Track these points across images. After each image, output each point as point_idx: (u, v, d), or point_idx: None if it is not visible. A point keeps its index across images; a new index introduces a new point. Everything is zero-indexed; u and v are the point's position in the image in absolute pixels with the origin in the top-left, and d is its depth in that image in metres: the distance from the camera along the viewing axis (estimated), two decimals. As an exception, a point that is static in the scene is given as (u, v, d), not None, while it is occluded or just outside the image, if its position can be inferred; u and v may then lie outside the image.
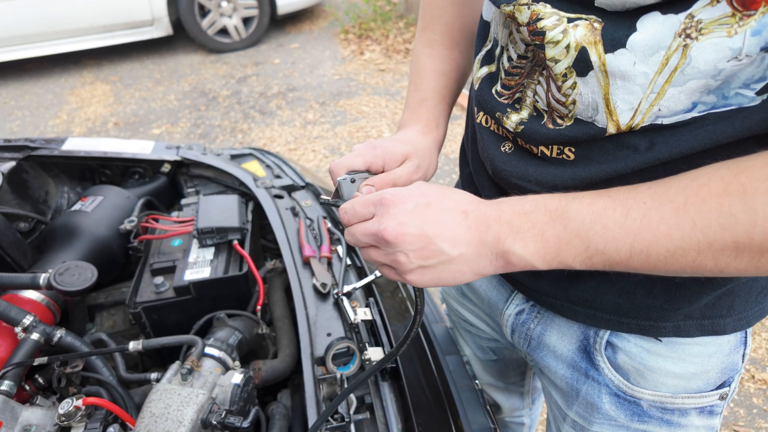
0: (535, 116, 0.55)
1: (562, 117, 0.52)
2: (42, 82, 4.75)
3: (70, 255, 1.11)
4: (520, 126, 0.56)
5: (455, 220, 0.49)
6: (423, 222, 0.48)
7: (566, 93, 0.49)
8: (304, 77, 4.50)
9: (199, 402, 0.80)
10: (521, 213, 0.48)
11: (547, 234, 0.47)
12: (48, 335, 0.91)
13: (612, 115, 0.47)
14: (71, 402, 0.79)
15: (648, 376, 0.61)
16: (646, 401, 0.62)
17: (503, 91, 0.58)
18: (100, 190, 1.28)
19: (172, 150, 1.47)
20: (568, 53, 0.46)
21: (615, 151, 0.49)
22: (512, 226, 0.48)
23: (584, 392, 0.66)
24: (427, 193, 0.50)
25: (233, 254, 1.13)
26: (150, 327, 1.06)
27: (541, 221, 0.47)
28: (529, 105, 0.55)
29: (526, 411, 1.13)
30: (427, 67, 0.73)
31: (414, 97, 0.73)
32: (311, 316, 0.94)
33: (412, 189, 0.51)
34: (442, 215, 0.49)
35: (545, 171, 0.55)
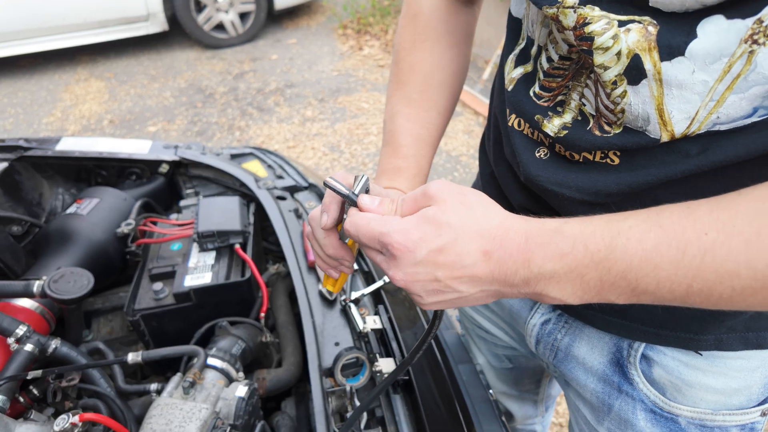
0: (579, 121, 0.50)
1: (610, 124, 0.48)
2: (35, 79, 4.68)
3: (65, 260, 1.07)
4: (563, 131, 0.51)
5: (475, 263, 0.43)
6: (436, 269, 0.43)
7: (615, 101, 0.45)
8: (303, 73, 4.45)
9: (203, 417, 0.77)
10: (557, 255, 0.41)
11: (587, 277, 0.41)
12: (42, 346, 0.87)
13: (666, 126, 0.43)
14: (67, 419, 0.75)
15: (686, 391, 0.57)
16: (684, 418, 0.59)
17: (543, 93, 0.54)
18: (96, 192, 1.23)
19: (170, 149, 1.43)
20: (619, 60, 0.42)
21: (664, 155, 0.46)
22: (545, 272, 0.42)
23: (617, 408, 0.62)
24: (441, 232, 0.43)
25: (235, 258, 1.09)
26: (149, 335, 1.02)
27: (580, 264, 0.41)
28: (573, 108, 0.51)
29: (538, 419, 1.10)
30: (405, 132, 0.68)
31: (390, 162, 0.68)
32: (318, 324, 0.90)
33: (422, 230, 0.43)
34: (459, 259, 0.43)
35: (586, 177, 0.51)
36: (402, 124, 0.68)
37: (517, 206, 0.62)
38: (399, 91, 0.70)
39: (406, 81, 0.70)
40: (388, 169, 0.67)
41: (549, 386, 1.00)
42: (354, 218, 0.47)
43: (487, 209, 0.44)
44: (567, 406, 0.77)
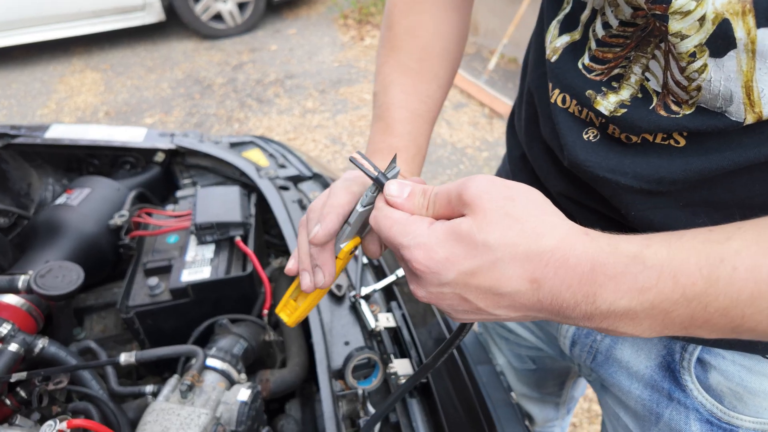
0: (640, 98, 0.43)
1: (679, 103, 0.40)
2: (29, 70, 4.59)
3: (54, 254, 1.00)
4: (621, 110, 0.44)
5: (518, 292, 0.34)
6: (467, 292, 0.35)
7: (690, 76, 0.38)
8: (303, 64, 4.36)
9: (202, 424, 0.70)
10: (635, 290, 0.32)
11: (674, 315, 0.33)
12: (29, 345, 0.80)
13: (754, 106, 0.36)
14: (54, 425, 0.69)
15: (748, 400, 0.51)
16: (745, 430, 0.53)
17: (595, 66, 0.46)
18: (87, 182, 1.16)
19: (166, 137, 1.35)
20: (702, 27, 0.35)
21: (742, 137, 0.39)
22: (617, 309, 0.33)
23: (667, 417, 0.56)
24: (476, 253, 0.34)
25: (236, 252, 1.02)
26: (144, 333, 0.95)
27: (667, 300, 0.32)
28: (633, 84, 0.43)
29: (558, 421, 1.04)
30: (401, 105, 0.58)
31: (383, 140, 0.58)
32: (326, 322, 0.83)
33: (450, 249, 0.34)
34: (497, 285, 0.34)
35: (645, 161, 0.44)
36: (397, 96, 0.59)
37: (556, 194, 0.55)
38: (393, 58, 0.61)
39: (402, 47, 0.61)
40: (381, 148, 0.57)
41: (572, 388, 0.94)
42: (378, 215, 0.39)
43: (540, 223, 0.34)
44: (603, 412, 0.70)
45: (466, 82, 3.79)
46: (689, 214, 0.44)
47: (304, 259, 0.47)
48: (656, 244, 0.33)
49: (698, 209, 0.44)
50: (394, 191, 0.39)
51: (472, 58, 4.26)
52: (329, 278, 0.46)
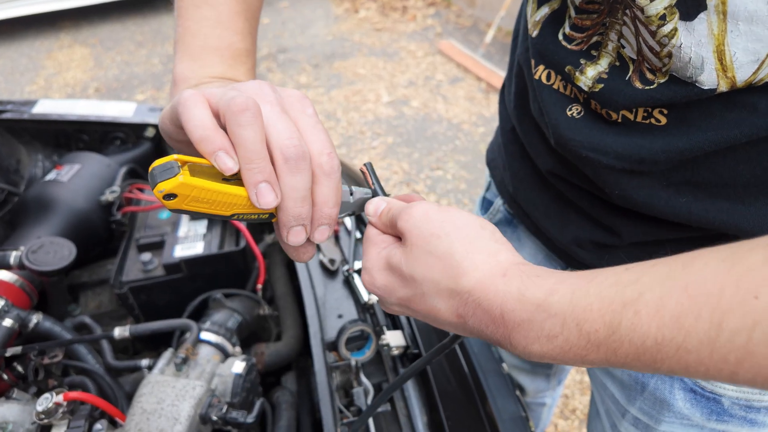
0: (617, 68, 0.43)
1: (653, 71, 0.40)
2: (15, 45, 4.48)
3: (45, 230, 0.99)
4: (598, 84, 0.44)
5: (449, 321, 0.36)
6: (414, 312, 0.39)
7: (661, 41, 0.37)
8: (296, 38, 4.28)
9: (197, 395, 0.71)
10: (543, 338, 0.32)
11: (589, 358, 0.31)
12: (23, 321, 0.81)
13: (726, 71, 0.35)
14: (50, 398, 0.70)
15: None
16: (728, 398, 0.53)
17: (574, 34, 0.45)
18: (77, 158, 1.15)
19: (156, 112, 1.33)
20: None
21: (724, 112, 0.38)
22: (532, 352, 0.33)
23: (652, 386, 0.57)
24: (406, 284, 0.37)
25: (228, 227, 1.02)
26: (138, 308, 0.96)
27: (576, 346, 0.31)
28: (611, 51, 0.43)
29: (549, 392, 1.06)
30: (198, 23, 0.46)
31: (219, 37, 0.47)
32: (319, 296, 0.84)
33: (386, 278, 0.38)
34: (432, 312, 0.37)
35: (627, 140, 0.43)
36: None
37: (545, 172, 0.55)
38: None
39: None
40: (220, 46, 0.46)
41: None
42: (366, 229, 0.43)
43: (461, 263, 0.35)
44: (591, 382, 0.71)
45: (462, 56, 3.73)
46: (673, 194, 0.44)
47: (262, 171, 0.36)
48: (563, 289, 0.32)
49: (682, 188, 0.44)
50: (370, 211, 0.42)
51: (468, 30, 4.19)
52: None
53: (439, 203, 0.40)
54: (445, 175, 2.75)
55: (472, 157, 2.87)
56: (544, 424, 1.24)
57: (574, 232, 0.55)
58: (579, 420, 1.68)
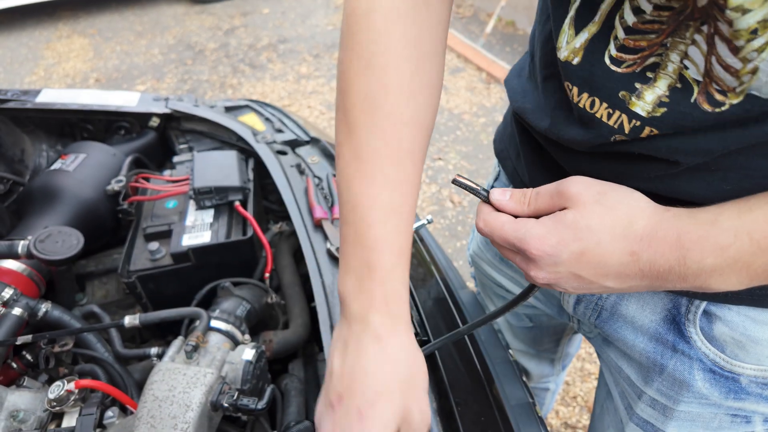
0: (679, 89, 0.40)
1: (725, 91, 0.38)
2: (15, 35, 4.45)
3: (52, 219, 0.99)
4: (660, 109, 0.41)
5: (621, 264, 0.41)
6: (579, 269, 0.42)
7: (747, 57, 0.35)
8: (296, 28, 4.25)
9: (208, 382, 0.72)
10: (717, 249, 0.38)
11: (755, 266, 0.38)
12: (32, 309, 0.81)
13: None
14: (62, 386, 0.70)
15: (751, 348, 0.52)
16: (746, 377, 0.54)
17: (625, 56, 0.42)
18: (82, 147, 1.15)
19: (160, 102, 1.33)
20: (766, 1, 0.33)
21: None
22: (704, 267, 0.39)
23: (671, 368, 0.57)
24: (582, 236, 0.41)
25: (235, 216, 1.02)
26: (146, 297, 0.96)
27: (745, 254, 0.38)
28: (671, 73, 0.40)
29: (553, 378, 1.07)
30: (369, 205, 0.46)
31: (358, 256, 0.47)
32: (327, 283, 0.84)
33: (560, 234, 0.42)
34: (603, 260, 0.41)
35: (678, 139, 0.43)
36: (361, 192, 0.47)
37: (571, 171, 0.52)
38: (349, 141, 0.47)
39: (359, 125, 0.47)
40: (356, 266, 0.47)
41: (568, 345, 0.96)
42: (487, 218, 0.47)
43: (631, 209, 0.41)
44: (603, 366, 0.72)
45: (463, 46, 3.71)
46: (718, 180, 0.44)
47: None
48: (729, 209, 0.39)
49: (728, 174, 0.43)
50: (498, 197, 0.47)
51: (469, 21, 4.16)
52: None
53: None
54: (447, 166, 2.75)
55: (473, 148, 2.86)
56: (548, 408, 1.26)
57: None
58: (580, 407, 1.69)
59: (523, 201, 0.46)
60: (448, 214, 2.43)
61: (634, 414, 0.65)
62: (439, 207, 2.48)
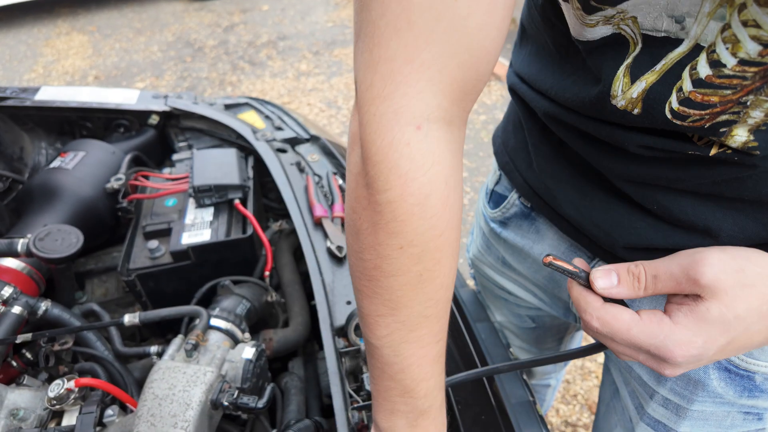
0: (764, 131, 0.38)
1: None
2: (13, 32, 4.44)
3: (51, 217, 0.99)
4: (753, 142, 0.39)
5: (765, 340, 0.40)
6: (722, 355, 0.40)
7: None
8: (296, 24, 4.24)
9: (208, 381, 0.72)
10: None
11: None
12: (32, 308, 0.81)
13: None
14: (62, 384, 0.70)
15: (765, 347, 0.52)
16: (761, 375, 0.54)
17: (689, 111, 0.38)
18: (81, 145, 1.14)
19: (159, 99, 1.32)
20: None
21: None
22: None
23: None
24: (730, 328, 0.38)
25: (235, 214, 1.02)
26: (146, 295, 0.96)
27: None
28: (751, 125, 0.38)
29: (554, 374, 1.08)
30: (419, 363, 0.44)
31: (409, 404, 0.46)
32: (327, 282, 0.84)
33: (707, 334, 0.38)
34: (749, 343, 0.40)
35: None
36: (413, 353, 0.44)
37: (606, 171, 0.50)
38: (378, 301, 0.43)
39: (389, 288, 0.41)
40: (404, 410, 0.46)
41: (569, 343, 0.96)
42: (604, 316, 0.41)
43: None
44: (611, 365, 0.71)
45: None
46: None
47: None
48: None
49: None
50: (604, 283, 0.41)
51: (470, 17, 4.15)
52: None
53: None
54: (447, 164, 2.74)
55: (474, 145, 2.86)
56: (548, 404, 1.26)
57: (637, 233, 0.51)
58: (580, 405, 1.69)
59: (637, 286, 0.40)
60: (448, 211, 2.43)
61: (645, 414, 0.65)
62: (439, 205, 2.48)
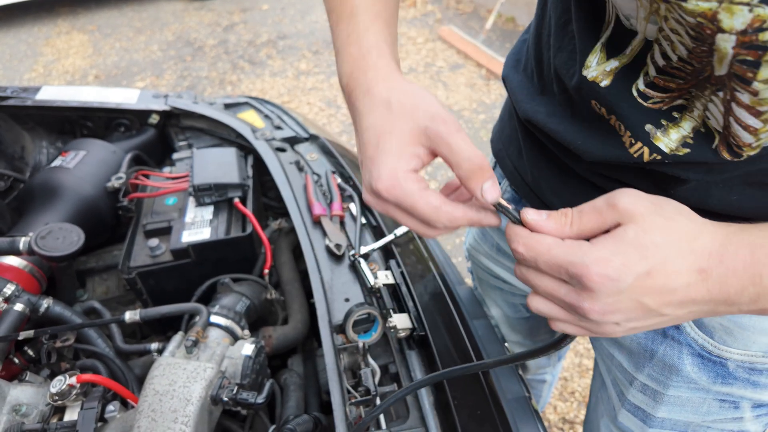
0: (702, 134, 0.41)
1: (741, 146, 0.39)
2: (13, 32, 4.44)
3: (52, 216, 1.00)
4: (684, 149, 0.42)
5: (688, 284, 0.37)
6: (643, 295, 0.37)
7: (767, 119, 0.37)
8: (295, 24, 4.25)
9: (208, 377, 0.73)
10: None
11: None
12: (33, 305, 0.82)
13: None
14: (64, 380, 0.71)
15: (738, 334, 0.53)
16: (733, 362, 0.55)
17: (653, 93, 0.42)
18: (82, 144, 1.15)
19: (159, 99, 1.33)
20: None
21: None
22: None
23: (661, 353, 0.59)
24: (647, 254, 0.36)
25: (234, 213, 1.03)
26: (147, 293, 0.97)
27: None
28: (696, 117, 0.41)
29: (549, 369, 1.09)
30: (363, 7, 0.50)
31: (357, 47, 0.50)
32: (326, 280, 0.85)
33: (624, 255, 0.36)
34: (670, 281, 0.37)
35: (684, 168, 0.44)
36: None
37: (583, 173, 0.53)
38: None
39: None
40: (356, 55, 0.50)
41: None
42: (528, 241, 0.40)
43: (691, 222, 0.38)
44: (596, 354, 0.74)
45: (463, 42, 3.71)
46: (726, 191, 0.45)
47: None
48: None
49: (735, 187, 0.45)
50: (533, 216, 0.41)
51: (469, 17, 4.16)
52: None
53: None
54: (447, 163, 2.75)
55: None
56: (545, 401, 1.27)
57: None
58: (578, 402, 1.70)
59: (564, 221, 0.40)
60: (448, 210, 2.44)
61: (626, 400, 0.67)
62: (438, 203, 2.49)
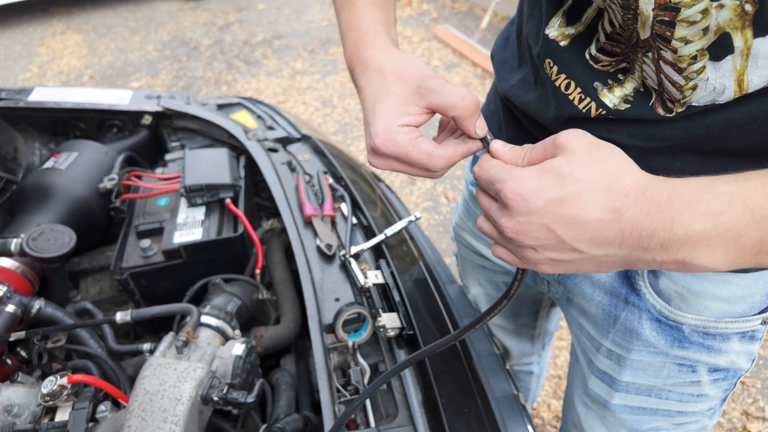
0: (642, 93, 0.46)
1: (673, 101, 0.44)
2: (8, 32, 4.43)
3: (45, 217, 1.00)
4: (625, 105, 0.46)
5: (600, 220, 0.38)
6: (553, 221, 0.39)
7: (689, 76, 0.41)
8: (291, 23, 4.24)
9: (198, 377, 0.73)
10: (709, 214, 0.36)
11: (744, 239, 0.36)
12: (25, 306, 0.82)
13: (742, 91, 0.40)
14: (55, 380, 0.72)
15: (691, 300, 0.57)
16: (688, 326, 0.59)
17: (602, 57, 0.48)
18: (74, 146, 1.16)
19: (152, 100, 1.34)
20: (705, 36, 0.38)
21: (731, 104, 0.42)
22: (693, 233, 0.36)
23: (623, 319, 0.62)
24: (563, 182, 0.38)
25: (226, 213, 1.03)
26: (139, 294, 0.97)
27: (738, 224, 0.36)
28: (636, 78, 0.46)
29: (535, 358, 1.10)
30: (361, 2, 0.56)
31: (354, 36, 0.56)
32: (317, 280, 0.85)
33: (540, 179, 0.39)
34: (581, 213, 0.38)
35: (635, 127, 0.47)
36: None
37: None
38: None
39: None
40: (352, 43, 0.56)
41: (546, 321, 1.01)
42: (482, 162, 0.45)
43: (621, 165, 0.39)
44: (569, 326, 0.77)
45: (458, 41, 3.71)
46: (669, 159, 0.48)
47: None
48: (724, 178, 0.37)
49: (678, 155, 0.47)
50: (497, 147, 0.45)
51: (464, 16, 4.16)
52: None
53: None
54: (442, 162, 2.76)
55: (469, 144, 2.87)
56: (534, 395, 1.28)
57: None
58: (572, 401, 1.72)
59: (519, 153, 0.44)
60: (443, 210, 2.45)
61: (594, 366, 0.70)
62: (433, 203, 2.49)
